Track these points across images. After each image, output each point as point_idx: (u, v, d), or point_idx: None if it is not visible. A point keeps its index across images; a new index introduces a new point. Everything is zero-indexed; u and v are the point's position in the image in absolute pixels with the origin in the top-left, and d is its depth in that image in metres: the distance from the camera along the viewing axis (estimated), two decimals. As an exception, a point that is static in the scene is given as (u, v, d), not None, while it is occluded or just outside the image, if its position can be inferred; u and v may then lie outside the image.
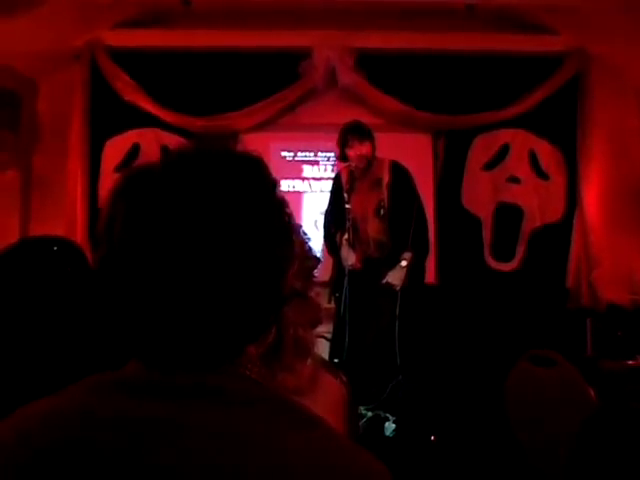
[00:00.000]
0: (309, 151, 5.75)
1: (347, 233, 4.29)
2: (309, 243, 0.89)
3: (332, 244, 4.47)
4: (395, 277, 4.23)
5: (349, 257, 4.29)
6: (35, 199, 5.64)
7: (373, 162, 4.35)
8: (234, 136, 5.52)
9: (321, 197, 5.45)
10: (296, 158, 5.75)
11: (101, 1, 5.23)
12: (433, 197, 5.59)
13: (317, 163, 5.75)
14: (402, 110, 5.55)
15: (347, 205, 4.29)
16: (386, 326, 4.19)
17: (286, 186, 5.61)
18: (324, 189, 5.48)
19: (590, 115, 5.46)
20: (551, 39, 5.52)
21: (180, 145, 0.80)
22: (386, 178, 4.34)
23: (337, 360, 4.13)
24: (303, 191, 5.72)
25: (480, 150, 5.66)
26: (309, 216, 5.51)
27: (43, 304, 1.53)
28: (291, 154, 5.74)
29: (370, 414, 3.98)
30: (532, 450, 2.51)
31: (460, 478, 3.33)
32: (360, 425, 3.75)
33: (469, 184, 5.65)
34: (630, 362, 4.02)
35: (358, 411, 3.72)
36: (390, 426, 3.94)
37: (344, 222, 4.31)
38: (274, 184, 0.78)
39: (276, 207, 0.77)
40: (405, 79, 5.54)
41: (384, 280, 4.25)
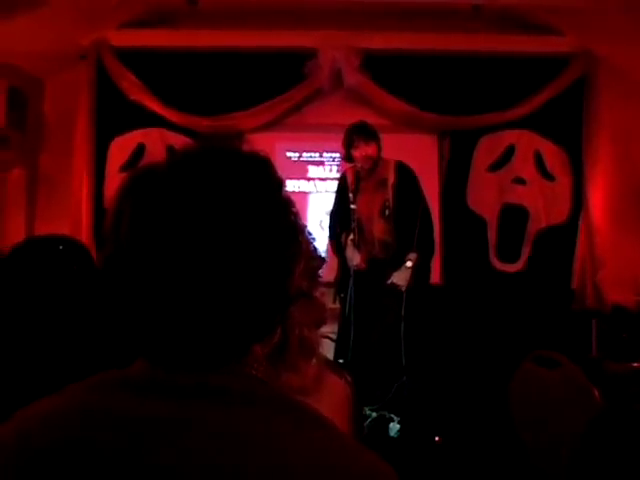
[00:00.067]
0: (314, 151, 5.75)
1: (352, 233, 4.28)
2: (314, 243, 0.89)
3: (337, 244, 4.46)
4: (400, 278, 4.22)
5: (354, 257, 4.28)
6: (41, 198, 5.66)
7: (378, 162, 4.33)
8: (239, 136, 5.52)
9: (326, 197, 5.44)
10: (301, 158, 5.76)
11: (107, 1, 5.25)
12: (438, 198, 5.58)
13: (322, 163, 5.75)
14: (407, 111, 5.54)
15: (352, 205, 4.28)
16: (391, 327, 4.18)
17: (291, 186, 5.62)
18: (329, 189, 5.48)
19: (596, 116, 5.45)
20: (557, 40, 5.51)
21: (186, 145, 0.80)
22: (391, 179, 4.33)
23: (342, 360, 4.12)
24: (308, 191, 5.72)
25: (485, 151, 5.66)
26: (314, 216, 5.51)
27: (49, 303, 1.54)
28: (296, 154, 5.74)
29: (375, 414, 3.97)
30: (536, 451, 2.50)
31: (464, 479, 3.33)
32: (365, 425, 3.75)
33: (474, 185, 5.65)
34: (635, 364, 4.01)
35: (363, 411, 3.72)
36: (394, 427, 3.93)
37: (349, 222, 4.30)
38: (280, 184, 0.78)
39: (282, 207, 0.76)
40: (411, 80, 5.54)
41: (389, 280, 4.24)
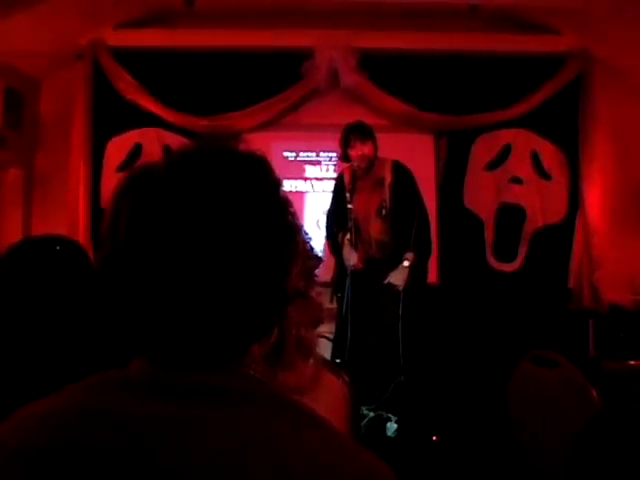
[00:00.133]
0: (311, 151, 5.75)
1: (349, 233, 4.27)
2: (310, 243, 0.89)
3: (334, 244, 4.46)
4: (397, 277, 4.22)
5: (351, 257, 4.28)
6: (37, 198, 5.65)
7: (375, 162, 4.33)
8: (236, 136, 5.51)
9: (323, 197, 5.45)
10: (298, 158, 5.76)
11: (104, 1, 5.24)
12: (435, 197, 5.58)
13: (319, 163, 5.75)
14: (404, 110, 5.54)
15: (349, 205, 4.28)
16: (388, 326, 4.18)
17: (288, 186, 5.61)
18: (326, 189, 5.48)
19: (593, 115, 5.46)
20: (554, 39, 5.52)
21: (183, 145, 0.80)
22: (388, 178, 4.33)
23: (339, 360, 4.12)
24: (305, 191, 5.72)
25: (482, 150, 5.66)
26: (311, 216, 5.51)
27: (46, 303, 1.54)
28: (293, 154, 5.74)
29: (372, 414, 3.97)
30: (534, 450, 2.51)
31: (462, 478, 3.33)
32: (362, 425, 3.75)
33: (471, 184, 5.65)
34: (632, 363, 4.02)
35: (360, 411, 3.72)
36: (392, 426, 3.93)
37: (346, 222, 4.30)
38: (278, 184, 0.78)
39: (280, 207, 0.76)
40: (407, 79, 5.54)
41: (386, 280, 4.24)
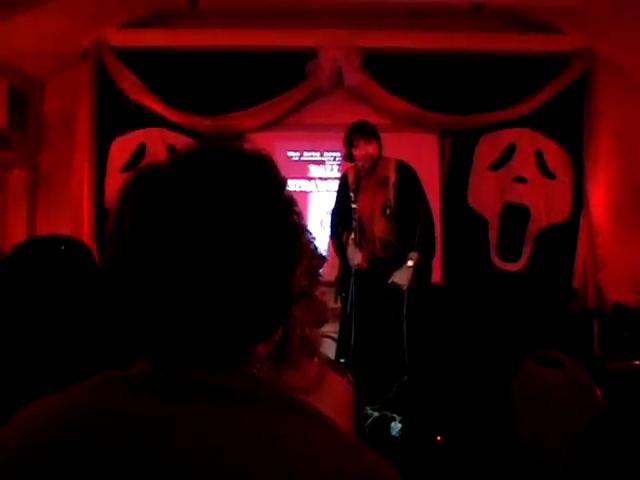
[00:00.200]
0: (315, 151, 5.75)
1: (353, 233, 4.27)
2: (314, 242, 0.89)
3: (338, 244, 4.46)
4: (401, 277, 4.22)
5: (355, 257, 4.28)
6: (41, 198, 5.67)
7: (379, 162, 4.33)
8: (241, 136, 5.52)
9: (327, 197, 5.45)
10: (302, 158, 5.76)
11: (108, 1, 5.25)
12: (439, 197, 5.58)
13: (323, 163, 5.75)
14: (408, 110, 5.54)
15: (353, 205, 4.28)
16: (393, 326, 4.17)
17: (292, 186, 5.61)
18: (330, 189, 5.48)
19: (597, 115, 5.45)
20: (558, 39, 5.52)
21: (188, 144, 0.80)
22: (392, 178, 4.33)
23: (343, 360, 4.12)
24: (309, 191, 5.72)
25: (486, 150, 5.65)
26: (315, 216, 5.51)
27: (51, 302, 1.54)
28: (297, 154, 5.75)
29: (376, 414, 3.97)
30: (538, 450, 2.50)
31: (466, 478, 3.33)
32: (366, 425, 3.75)
33: (475, 184, 5.65)
34: (637, 362, 4.00)
35: (364, 411, 3.72)
36: (396, 426, 3.93)
37: (350, 222, 4.29)
38: (283, 183, 0.78)
39: (285, 206, 0.76)
40: (411, 79, 5.54)
41: (390, 280, 4.24)
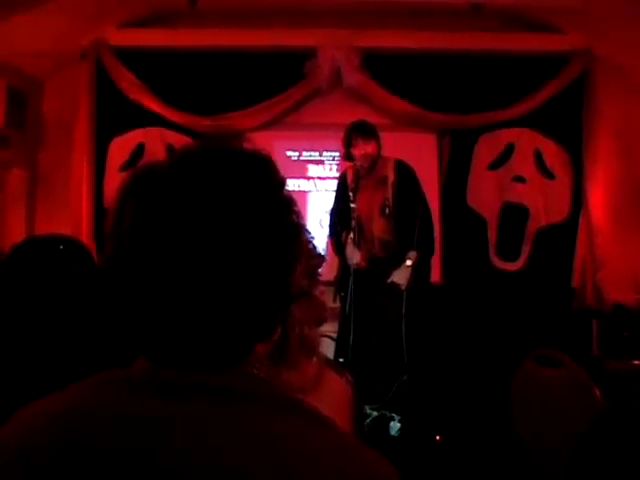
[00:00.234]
0: (314, 150, 5.75)
1: (352, 232, 4.28)
2: (313, 241, 0.89)
3: (337, 243, 4.46)
4: (400, 276, 4.22)
5: (354, 256, 4.28)
6: (40, 197, 5.66)
7: (378, 161, 4.33)
8: (240, 135, 5.52)
9: (326, 196, 5.45)
10: (301, 157, 5.76)
11: (107, 1, 5.25)
12: (438, 196, 5.57)
13: (322, 162, 5.75)
14: (407, 109, 5.54)
15: (352, 204, 4.28)
16: (392, 325, 4.18)
17: (291, 185, 5.61)
18: (329, 188, 5.48)
19: (596, 114, 5.44)
20: (557, 38, 5.51)
21: (187, 144, 0.80)
22: (391, 177, 4.33)
23: (342, 359, 4.12)
24: (308, 190, 5.72)
25: (485, 149, 5.65)
26: (314, 215, 5.51)
27: (50, 302, 1.54)
28: (296, 153, 5.74)
29: (375, 413, 3.97)
30: (537, 450, 2.50)
31: (465, 478, 3.33)
32: (365, 424, 3.75)
33: (474, 183, 5.65)
34: (636, 362, 4.01)
35: (363, 410, 3.72)
36: (395, 425, 3.93)
37: (349, 221, 4.30)
38: (282, 183, 0.78)
39: (284, 206, 0.76)
40: (410, 79, 5.54)
41: (389, 279, 4.24)
